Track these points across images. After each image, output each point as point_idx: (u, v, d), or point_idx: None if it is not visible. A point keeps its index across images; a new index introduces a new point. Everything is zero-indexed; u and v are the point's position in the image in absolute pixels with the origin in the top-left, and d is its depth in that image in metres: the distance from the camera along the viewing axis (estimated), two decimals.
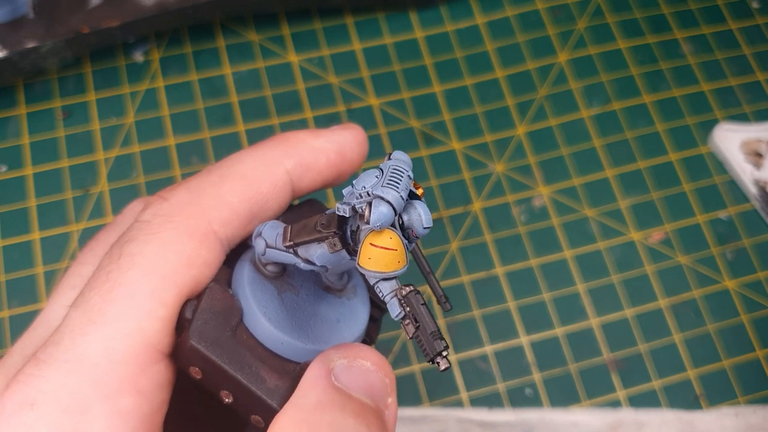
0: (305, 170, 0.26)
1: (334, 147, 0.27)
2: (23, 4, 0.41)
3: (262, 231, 0.24)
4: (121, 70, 0.45)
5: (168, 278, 0.23)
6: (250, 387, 0.23)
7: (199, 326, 0.23)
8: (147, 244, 0.23)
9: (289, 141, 0.27)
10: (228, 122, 0.44)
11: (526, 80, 0.47)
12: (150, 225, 0.24)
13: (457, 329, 0.40)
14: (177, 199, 0.24)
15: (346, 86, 0.46)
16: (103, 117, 0.44)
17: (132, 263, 0.23)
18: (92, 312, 0.22)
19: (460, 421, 0.38)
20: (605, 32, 0.49)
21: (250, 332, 0.24)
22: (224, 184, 0.25)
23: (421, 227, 0.21)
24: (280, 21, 0.47)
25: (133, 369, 0.22)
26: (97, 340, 0.21)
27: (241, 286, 0.24)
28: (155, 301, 0.22)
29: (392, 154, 0.22)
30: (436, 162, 0.44)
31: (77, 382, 0.21)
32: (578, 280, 0.42)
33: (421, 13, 0.49)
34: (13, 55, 0.41)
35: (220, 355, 0.23)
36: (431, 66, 0.47)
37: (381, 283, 0.21)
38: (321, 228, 0.22)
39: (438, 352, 0.20)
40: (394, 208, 0.20)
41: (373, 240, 0.21)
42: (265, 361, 0.24)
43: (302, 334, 0.24)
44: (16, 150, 0.43)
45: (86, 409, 0.21)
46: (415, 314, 0.21)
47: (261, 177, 0.25)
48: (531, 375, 0.40)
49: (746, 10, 0.50)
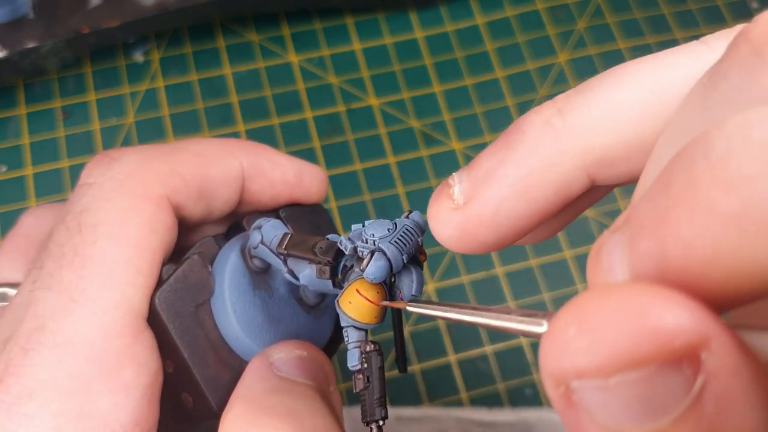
0: (259, 173, 0.26)
1: (293, 167, 0.27)
2: (23, 4, 0.41)
3: (263, 226, 0.24)
4: (121, 70, 0.45)
5: (138, 245, 0.22)
6: (191, 367, 0.23)
7: (167, 292, 0.23)
8: (106, 212, 0.22)
9: (251, 144, 0.26)
10: (228, 122, 0.44)
11: (526, 80, 0.47)
12: (102, 189, 0.23)
13: (456, 329, 0.40)
14: (128, 160, 0.23)
15: (346, 86, 0.46)
16: (103, 117, 0.44)
17: (97, 233, 0.22)
18: (70, 291, 0.21)
19: (460, 421, 0.38)
20: (605, 32, 0.49)
21: (212, 315, 0.24)
22: (176, 156, 0.24)
23: (409, 293, 0.22)
24: (280, 21, 0.47)
25: (128, 340, 0.21)
26: (84, 318, 0.21)
27: (222, 268, 0.24)
28: (133, 269, 0.22)
29: (411, 214, 0.22)
30: (436, 162, 0.44)
31: (74, 364, 0.21)
32: (578, 280, 0.42)
33: (421, 13, 0.49)
34: (13, 55, 0.41)
35: (176, 327, 0.23)
36: (431, 66, 0.47)
37: (351, 329, 0.22)
38: (318, 252, 0.22)
39: (375, 419, 0.21)
40: (392, 267, 0.20)
41: (361, 288, 0.21)
42: (215, 348, 0.24)
43: (259, 336, 0.24)
44: (16, 150, 0.43)
45: (88, 390, 0.21)
46: (370, 374, 0.21)
47: (214, 160, 0.25)
48: (531, 375, 0.40)
49: (746, 10, 0.50)
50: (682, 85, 0.16)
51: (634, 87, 0.17)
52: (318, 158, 0.44)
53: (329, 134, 0.45)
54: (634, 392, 0.10)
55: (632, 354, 0.10)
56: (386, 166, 0.44)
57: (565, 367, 0.10)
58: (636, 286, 0.10)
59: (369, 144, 0.44)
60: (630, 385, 0.10)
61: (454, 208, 0.18)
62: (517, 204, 0.17)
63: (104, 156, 0.24)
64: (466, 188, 0.18)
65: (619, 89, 0.17)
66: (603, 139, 0.17)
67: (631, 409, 0.10)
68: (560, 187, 0.17)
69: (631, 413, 0.10)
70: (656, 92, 0.16)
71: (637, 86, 0.16)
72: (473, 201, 0.18)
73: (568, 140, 0.17)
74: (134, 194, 0.23)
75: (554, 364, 0.11)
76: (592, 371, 0.10)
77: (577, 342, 0.10)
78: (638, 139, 0.16)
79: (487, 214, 0.17)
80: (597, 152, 0.17)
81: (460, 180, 0.18)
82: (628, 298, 0.10)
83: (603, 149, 0.17)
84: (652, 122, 0.16)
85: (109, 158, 0.24)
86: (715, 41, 0.17)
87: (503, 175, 0.17)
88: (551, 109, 0.17)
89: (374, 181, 0.43)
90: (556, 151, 0.17)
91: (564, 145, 0.17)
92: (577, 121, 0.17)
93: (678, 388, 0.10)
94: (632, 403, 0.10)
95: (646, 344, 0.10)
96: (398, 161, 0.44)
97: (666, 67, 0.16)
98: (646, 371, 0.10)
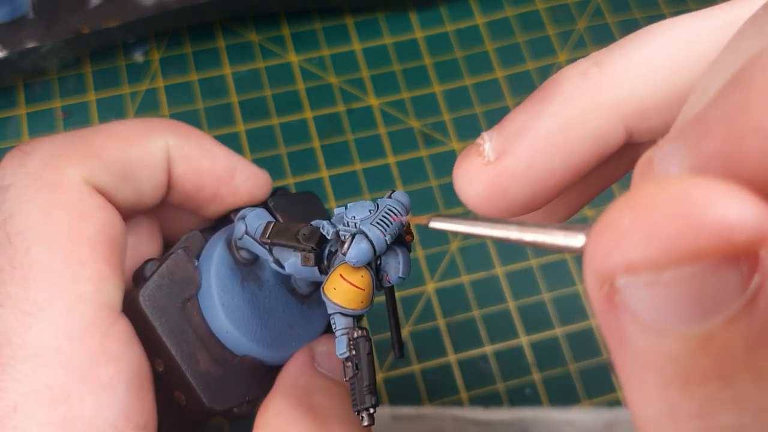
0: (184, 157, 0.24)
1: (226, 162, 0.25)
2: (23, 4, 0.41)
3: (246, 216, 0.24)
4: (121, 70, 0.45)
5: (70, 238, 0.21)
6: (180, 365, 0.22)
7: (151, 289, 0.23)
8: (28, 214, 0.21)
9: (184, 127, 0.25)
10: (228, 122, 0.44)
11: (526, 80, 0.47)
12: (18, 190, 0.21)
13: (457, 329, 0.40)
14: (40, 152, 0.22)
15: (346, 86, 0.46)
16: (103, 117, 0.44)
17: (27, 240, 0.21)
18: (22, 305, 0.21)
19: (456, 420, 0.38)
20: (605, 32, 0.49)
21: (200, 310, 0.23)
22: (93, 138, 0.23)
23: (396, 275, 0.21)
24: (280, 21, 0.47)
25: (97, 336, 0.21)
26: (45, 328, 0.20)
27: (208, 262, 0.24)
28: (74, 264, 0.21)
29: (394, 193, 0.21)
30: (436, 162, 0.44)
31: (49, 374, 0.20)
32: (578, 280, 0.42)
33: (421, 13, 0.49)
34: (13, 55, 0.41)
35: (162, 324, 0.22)
36: (431, 66, 0.47)
37: (337, 316, 0.21)
38: (302, 239, 0.22)
39: (365, 407, 0.20)
40: (375, 249, 0.20)
41: (344, 273, 0.21)
42: (205, 343, 0.23)
43: (249, 330, 0.24)
44: None
45: (69, 396, 0.20)
46: (358, 361, 0.21)
47: (135, 139, 0.23)
48: (531, 375, 0.40)
49: None
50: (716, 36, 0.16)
51: (669, 38, 0.16)
52: (318, 158, 0.44)
53: (329, 134, 0.45)
54: (687, 288, 0.10)
55: (690, 246, 0.09)
56: (386, 166, 0.44)
57: (615, 261, 0.10)
58: (697, 179, 0.10)
59: (369, 144, 0.44)
60: (684, 281, 0.10)
61: (485, 164, 0.17)
62: (552, 158, 0.17)
63: (17, 151, 0.22)
64: (497, 144, 0.17)
65: (657, 41, 0.16)
66: (640, 90, 0.16)
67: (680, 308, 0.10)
68: (597, 140, 0.17)
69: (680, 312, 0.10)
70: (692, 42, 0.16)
71: (673, 37, 0.16)
72: (506, 156, 0.17)
73: (606, 91, 0.16)
74: (50, 186, 0.21)
75: (602, 260, 0.10)
76: (646, 264, 0.10)
77: (632, 233, 0.10)
78: (675, 89, 0.16)
79: (521, 168, 0.17)
80: (634, 103, 0.16)
81: (491, 137, 0.17)
82: (689, 190, 0.10)
83: (640, 100, 0.16)
84: (687, 71, 0.16)
85: (21, 152, 0.22)
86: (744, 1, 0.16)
87: (538, 129, 0.17)
88: (588, 63, 0.17)
89: (374, 181, 0.43)
90: (594, 102, 0.17)
91: (602, 95, 0.17)
92: (614, 72, 0.17)
93: (733, 286, 0.09)
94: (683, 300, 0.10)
95: (706, 237, 0.09)
96: (398, 161, 0.44)
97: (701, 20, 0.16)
98: (703, 266, 0.09)
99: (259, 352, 0.24)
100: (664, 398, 0.10)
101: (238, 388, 0.23)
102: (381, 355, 0.40)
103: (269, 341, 0.24)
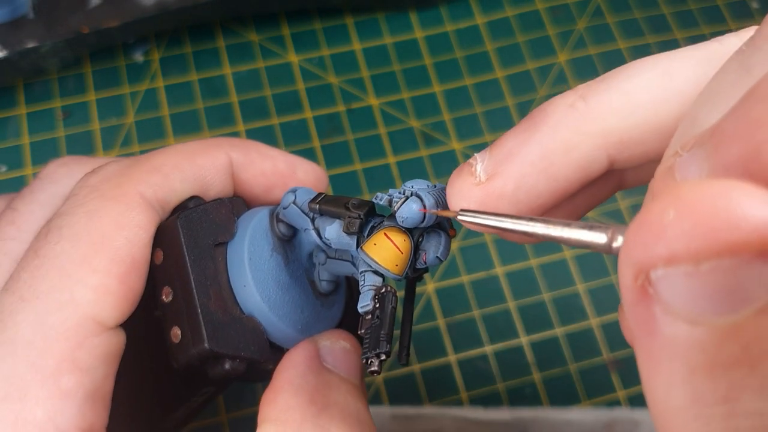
0: (248, 163, 0.26)
1: (284, 159, 0.27)
2: (23, 4, 0.41)
3: (297, 190, 0.25)
4: (121, 70, 0.45)
5: (97, 244, 0.22)
6: (194, 294, 0.22)
7: (191, 217, 0.23)
8: (74, 215, 0.22)
9: (239, 139, 0.26)
10: (228, 122, 0.44)
11: (526, 80, 0.47)
12: (76, 197, 0.23)
13: (457, 329, 0.40)
14: (105, 171, 0.24)
15: (346, 86, 0.46)
16: (103, 117, 0.44)
17: (60, 236, 0.22)
18: (22, 290, 0.21)
19: (456, 420, 0.38)
20: (605, 32, 0.49)
21: (225, 258, 0.24)
22: (158, 156, 0.24)
23: (434, 255, 0.22)
24: (280, 21, 0.47)
25: (70, 344, 0.20)
26: (28, 318, 0.20)
27: (248, 220, 0.25)
28: (86, 268, 0.21)
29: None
30: (436, 162, 0.44)
31: (11, 366, 0.20)
32: (578, 280, 0.42)
33: (421, 13, 0.49)
34: (13, 55, 0.41)
35: (190, 250, 0.23)
36: (431, 66, 0.47)
37: (368, 273, 0.22)
38: (351, 206, 0.22)
39: (377, 352, 0.21)
40: (425, 214, 0.21)
41: (389, 232, 0.21)
42: (221, 288, 0.23)
43: (265, 291, 0.24)
44: (16, 150, 0.43)
45: (25, 395, 0.20)
46: (381, 312, 0.21)
47: (199, 152, 0.25)
48: (531, 375, 0.40)
49: (746, 10, 0.50)
50: (695, 74, 0.18)
51: (651, 75, 0.18)
52: (318, 158, 0.44)
53: (329, 134, 0.45)
54: (723, 280, 0.10)
55: (730, 240, 0.10)
56: (386, 166, 0.44)
57: (656, 252, 0.11)
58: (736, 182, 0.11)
59: (369, 144, 0.44)
60: (721, 273, 0.10)
61: (476, 184, 0.19)
62: (537, 180, 0.18)
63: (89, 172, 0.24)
64: (488, 166, 0.19)
65: (638, 76, 0.18)
66: (622, 122, 0.18)
67: (713, 299, 0.11)
68: (580, 166, 0.18)
69: (713, 303, 0.11)
70: (672, 79, 0.18)
71: (654, 74, 0.18)
72: (495, 177, 0.18)
73: (590, 122, 0.18)
74: (103, 197, 0.22)
75: (643, 251, 0.11)
76: (687, 256, 0.10)
77: (675, 225, 0.11)
78: (655, 122, 0.18)
79: (509, 189, 0.18)
80: (616, 134, 0.18)
81: (483, 159, 0.19)
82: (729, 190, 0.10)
83: (622, 131, 0.18)
84: (667, 106, 0.18)
85: (91, 172, 0.24)
86: (727, 39, 0.18)
87: (525, 154, 0.18)
88: (575, 95, 0.19)
89: (374, 181, 0.43)
90: (578, 132, 0.18)
91: (586, 126, 0.18)
92: (598, 104, 0.18)
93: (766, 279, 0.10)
94: (717, 291, 0.10)
95: (745, 232, 0.10)
96: (398, 161, 0.44)
97: (681, 59, 0.18)
98: (741, 259, 0.10)
99: (266, 317, 0.24)
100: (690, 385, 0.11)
101: (237, 340, 0.23)
102: None
103: (278, 312, 0.24)
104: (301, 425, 0.21)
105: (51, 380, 0.20)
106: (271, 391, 0.22)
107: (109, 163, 0.24)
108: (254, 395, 0.38)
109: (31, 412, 0.20)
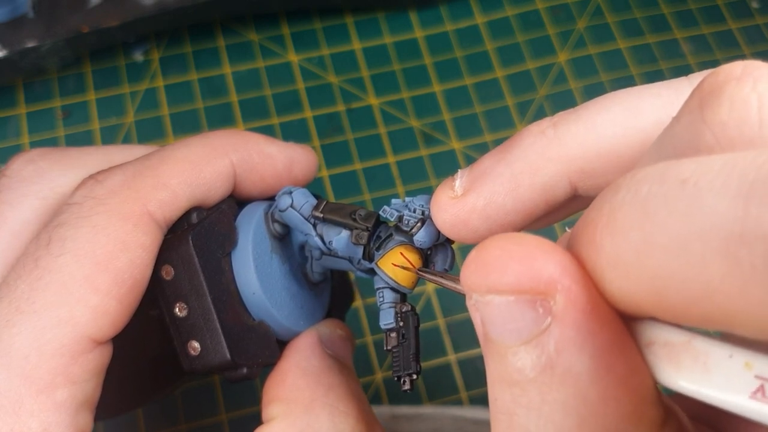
0: (250, 170, 0.26)
1: (284, 158, 0.27)
2: (23, 4, 0.41)
3: (293, 192, 0.25)
4: (120, 69, 0.45)
5: (101, 263, 0.21)
6: (212, 309, 0.23)
7: (201, 233, 0.23)
8: (78, 228, 0.22)
9: (240, 136, 0.26)
10: (228, 122, 0.44)
11: (526, 80, 0.47)
12: (81, 208, 0.22)
13: (457, 329, 0.40)
14: (110, 182, 0.23)
15: (345, 86, 0.46)
16: (103, 116, 0.44)
17: (63, 248, 0.21)
18: (19, 301, 0.21)
19: (455, 419, 0.38)
20: (605, 32, 0.49)
21: (231, 268, 0.24)
22: (163, 166, 0.24)
23: (443, 266, 0.24)
24: (280, 21, 0.47)
25: (65, 360, 0.21)
26: (24, 331, 0.20)
27: (247, 225, 0.25)
28: (88, 287, 0.21)
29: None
30: (436, 161, 0.44)
31: (6, 379, 0.20)
32: None
33: (421, 13, 0.49)
34: (13, 55, 0.41)
35: (204, 266, 0.23)
36: (431, 66, 0.47)
37: (387, 290, 0.23)
38: (358, 218, 0.23)
39: (409, 372, 0.22)
40: (438, 235, 0.22)
41: (405, 252, 0.23)
42: (231, 296, 0.24)
43: (273, 296, 0.25)
44: (16, 150, 0.43)
45: (19, 408, 0.20)
46: (406, 332, 0.23)
47: (204, 161, 0.25)
48: None
49: (746, 10, 0.50)
50: (658, 114, 0.19)
51: (618, 110, 0.19)
52: (318, 158, 0.44)
53: (329, 134, 0.45)
54: (499, 312, 0.14)
55: (499, 283, 0.14)
56: (386, 166, 0.44)
57: (466, 282, 0.14)
58: (528, 237, 0.14)
59: (369, 143, 0.44)
60: (496, 306, 0.14)
61: (453, 198, 0.20)
62: (505, 199, 0.20)
63: (90, 179, 0.24)
64: (465, 182, 0.21)
65: (606, 110, 0.19)
66: (585, 152, 0.19)
67: (495, 324, 0.14)
68: (545, 189, 0.20)
69: (496, 327, 0.14)
70: (636, 117, 0.19)
71: (621, 110, 0.19)
72: (469, 193, 0.20)
73: (554, 149, 0.20)
74: (112, 212, 0.22)
75: (464, 279, 0.14)
76: (480, 288, 0.14)
77: (471, 267, 0.14)
78: (616, 155, 0.19)
79: (480, 205, 0.20)
80: (579, 162, 0.19)
81: (462, 175, 0.21)
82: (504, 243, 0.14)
83: (584, 160, 0.19)
84: (629, 142, 0.19)
85: (94, 181, 0.23)
86: (697, 78, 0.19)
87: (497, 174, 0.20)
88: (548, 123, 0.20)
89: (374, 180, 0.43)
90: (544, 157, 0.20)
91: (551, 152, 0.20)
92: (566, 133, 0.20)
93: (531, 320, 0.13)
94: (497, 318, 0.14)
95: (508, 279, 0.14)
96: (398, 161, 0.44)
97: (649, 97, 0.19)
98: (506, 299, 0.14)
99: (275, 321, 0.25)
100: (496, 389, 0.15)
101: (254, 348, 0.24)
102: (381, 354, 0.40)
103: (285, 313, 0.25)
104: (311, 403, 0.22)
105: (45, 394, 0.20)
106: (278, 373, 0.24)
107: (114, 170, 0.24)
108: (254, 395, 0.38)
109: (26, 424, 0.20)
